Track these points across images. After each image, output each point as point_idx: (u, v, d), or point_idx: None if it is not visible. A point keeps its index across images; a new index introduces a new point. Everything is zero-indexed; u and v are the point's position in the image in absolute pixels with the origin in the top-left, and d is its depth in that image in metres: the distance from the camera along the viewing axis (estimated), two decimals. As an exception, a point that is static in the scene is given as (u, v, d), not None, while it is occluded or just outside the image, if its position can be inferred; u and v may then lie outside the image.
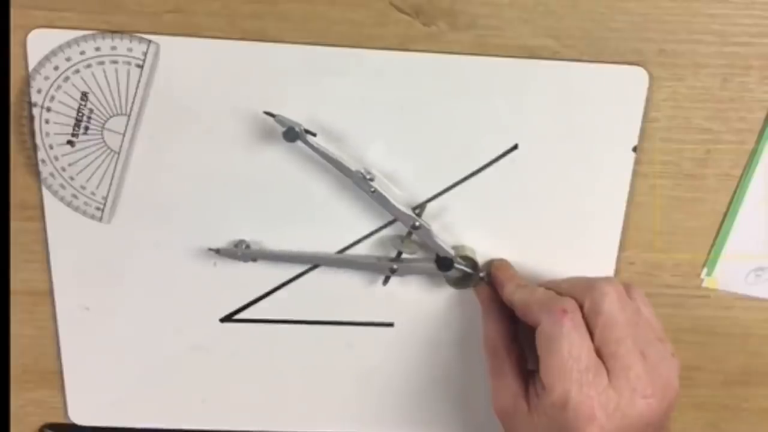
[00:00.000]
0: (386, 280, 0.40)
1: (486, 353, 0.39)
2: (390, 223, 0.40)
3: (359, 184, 0.38)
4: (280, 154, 0.38)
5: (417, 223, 0.39)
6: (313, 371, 0.43)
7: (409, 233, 0.39)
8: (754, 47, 0.37)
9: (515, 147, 0.39)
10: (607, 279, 0.36)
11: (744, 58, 0.37)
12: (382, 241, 0.40)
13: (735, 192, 0.40)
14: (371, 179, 0.38)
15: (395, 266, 0.40)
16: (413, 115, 0.38)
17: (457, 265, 0.39)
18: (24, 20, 0.35)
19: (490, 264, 0.40)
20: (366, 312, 0.42)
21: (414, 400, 0.44)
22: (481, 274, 0.40)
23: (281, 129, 0.36)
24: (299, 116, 0.37)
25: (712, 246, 0.41)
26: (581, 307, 0.34)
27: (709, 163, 0.40)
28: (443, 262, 0.39)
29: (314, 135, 0.37)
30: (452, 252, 0.39)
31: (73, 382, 0.42)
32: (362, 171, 0.37)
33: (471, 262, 0.40)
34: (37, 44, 0.36)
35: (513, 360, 0.38)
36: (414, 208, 0.39)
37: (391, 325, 0.42)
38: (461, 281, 0.40)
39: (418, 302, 0.41)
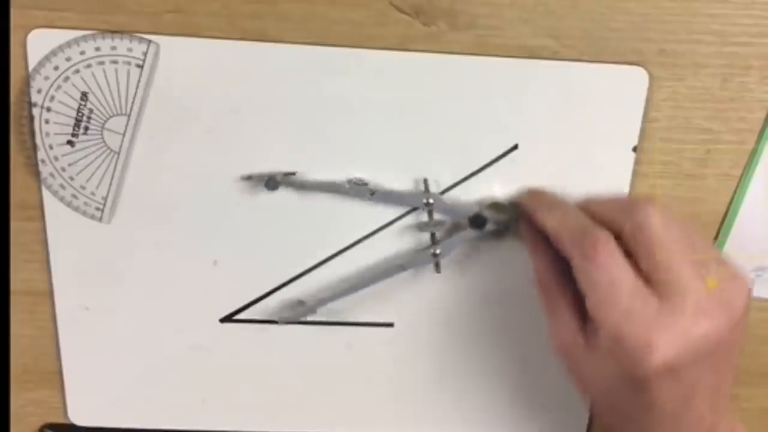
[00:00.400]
0: (437, 267, 0.39)
1: (539, 291, 0.36)
2: (403, 215, 0.40)
3: (355, 193, 0.38)
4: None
5: (429, 200, 0.38)
6: (313, 372, 0.43)
7: (430, 213, 0.39)
8: (754, 47, 0.37)
9: (515, 147, 0.39)
10: (647, 199, 0.33)
11: (744, 58, 0.37)
12: (400, 234, 0.40)
13: (735, 192, 0.40)
14: (365, 184, 0.38)
15: (437, 250, 0.39)
16: (413, 115, 0.38)
17: (489, 218, 0.38)
18: (24, 20, 0.35)
19: (523, 196, 0.39)
20: (366, 312, 0.42)
21: (414, 400, 0.44)
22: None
23: (261, 183, 0.37)
24: (299, 116, 0.37)
25: (712, 246, 0.41)
26: (621, 232, 0.32)
27: (709, 163, 0.40)
28: (476, 221, 0.38)
29: (293, 174, 0.38)
30: (477, 207, 0.38)
31: (72, 382, 0.42)
32: (353, 180, 0.37)
33: (500, 206, 0.39)
34: (37, 44, 0.36)
35: (567, 294, 0.35)
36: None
37: (391, 325, 0.42)
38: (504, 230, 0.39)
39: (418, 302, 0.41)
